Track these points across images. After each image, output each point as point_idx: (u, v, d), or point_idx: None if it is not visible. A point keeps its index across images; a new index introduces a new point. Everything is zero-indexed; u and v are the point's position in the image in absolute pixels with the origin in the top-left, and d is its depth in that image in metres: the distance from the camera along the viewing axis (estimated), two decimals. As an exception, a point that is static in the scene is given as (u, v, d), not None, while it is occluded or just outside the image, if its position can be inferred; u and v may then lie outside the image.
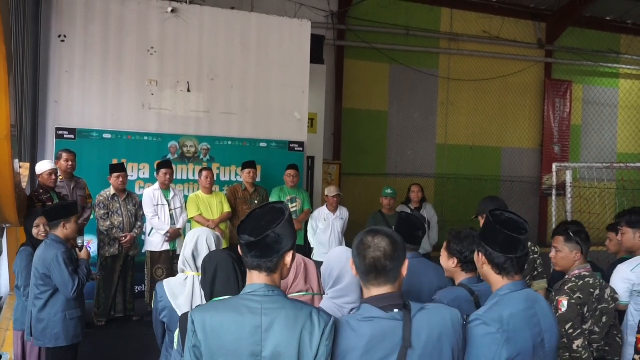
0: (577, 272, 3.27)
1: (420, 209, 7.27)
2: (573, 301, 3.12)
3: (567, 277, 3.31)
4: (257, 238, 1.94)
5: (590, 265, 3.42)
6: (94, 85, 7.35)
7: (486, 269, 2.28)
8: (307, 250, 7.17)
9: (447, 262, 2.91)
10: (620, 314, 3.62)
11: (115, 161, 7.06)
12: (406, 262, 2.02)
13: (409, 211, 7.21)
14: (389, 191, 7.01)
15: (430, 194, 11.64)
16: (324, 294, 2.69)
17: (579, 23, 14.30)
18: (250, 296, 1.95)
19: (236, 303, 1.96)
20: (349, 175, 12.15)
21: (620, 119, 15.37)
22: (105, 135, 7.30)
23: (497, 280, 2.25)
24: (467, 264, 2.82)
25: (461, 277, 2.86)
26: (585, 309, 3.15)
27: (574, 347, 3.01)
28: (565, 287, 3.21)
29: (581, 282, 3.21)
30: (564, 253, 3.33)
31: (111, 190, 6.50)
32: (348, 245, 7.82)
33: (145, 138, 7.52)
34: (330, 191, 7.05)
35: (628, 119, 14.97)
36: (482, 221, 3.60)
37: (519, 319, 2.12)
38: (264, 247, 1.94)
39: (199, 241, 3.09)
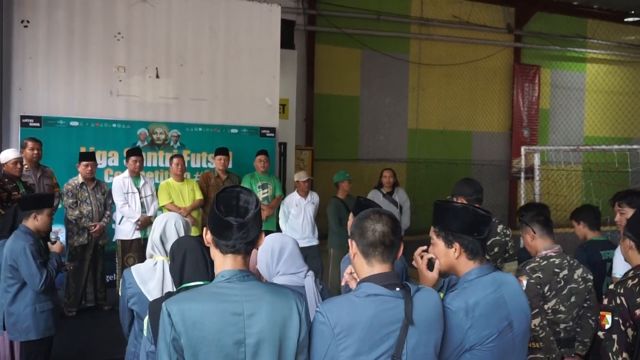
0: (543, 252, 3.35)
1: (392, 194, 7.33)
2: (532, 281, 3.20)
3: (534, 257, 3.39)
4: (246, 218, 1.92)
5: None
6: (60, 72, 7.17)
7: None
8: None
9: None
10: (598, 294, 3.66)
11: (83, 149, 6.92)
12: (402, 245, 2.07)
13: (381, 196, 7.27)
14: (347, 174, 7.02)
15: (402, 178, 11.70)
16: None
17: (547, 8, 14.47)
18: (227, 283, 1.91)
19: (214, 291, 1.90)
20: (322, 161, 12.14)
21: (587, 102, 15.65)
22: (72, 123, 7.14)
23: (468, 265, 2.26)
24: None
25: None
26: (547, 288, 3.22)
27: (532, 325, 3.08)
28: (527, 267, 3.31)
29: (545, 262, 3.29)
30: (524, 237, 3.51)
31: (79, 179, 6.38)
32: (320, 229, 7.72)
33: (114, 125, 7.39)
34: (300, 176, 7.05)
35: (594, 103, 15.27)
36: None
37: (484, 304, 2.13)
38: (251, 227, 1.93)
39: (167, 225, 3.07)
